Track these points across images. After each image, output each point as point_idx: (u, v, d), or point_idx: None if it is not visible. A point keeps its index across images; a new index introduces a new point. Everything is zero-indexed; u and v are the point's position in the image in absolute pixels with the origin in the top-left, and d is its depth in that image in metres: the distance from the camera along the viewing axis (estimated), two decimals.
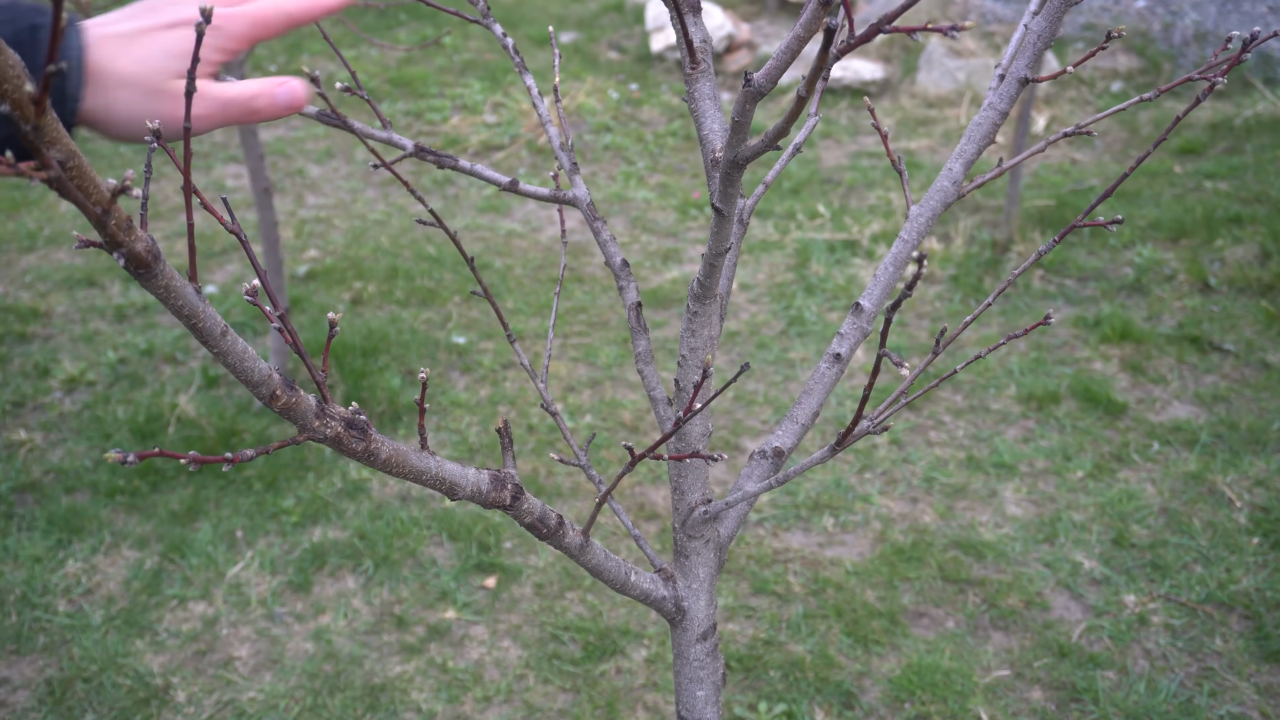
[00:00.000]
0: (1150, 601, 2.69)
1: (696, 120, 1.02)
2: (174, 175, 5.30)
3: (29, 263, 4.49)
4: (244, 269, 4.47)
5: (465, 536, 2.95)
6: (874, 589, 2.77)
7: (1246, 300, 3.94)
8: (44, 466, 3.23)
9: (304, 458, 3.26)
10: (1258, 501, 2.99)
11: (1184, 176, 4.97)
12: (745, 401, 3.58)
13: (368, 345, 3.75)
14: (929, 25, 0.56)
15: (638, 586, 1.09)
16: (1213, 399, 3.45)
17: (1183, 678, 2.47)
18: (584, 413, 3.52)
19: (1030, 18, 1.04)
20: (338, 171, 5.51)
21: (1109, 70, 6.19)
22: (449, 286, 4.32)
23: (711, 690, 1.17)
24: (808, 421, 1.12)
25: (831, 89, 6.35)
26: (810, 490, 3.13)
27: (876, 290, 1.10)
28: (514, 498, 0.98)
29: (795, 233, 4.72)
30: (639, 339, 1.15)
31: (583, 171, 5.52)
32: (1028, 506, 3.05)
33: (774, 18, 7.60)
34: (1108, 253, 4.36)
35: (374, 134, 1.06)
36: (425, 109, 6.22)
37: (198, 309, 0.69)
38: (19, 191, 5.11)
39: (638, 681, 2.52)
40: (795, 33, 0.67)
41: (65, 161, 0.51)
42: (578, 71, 6.73)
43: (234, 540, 2.95)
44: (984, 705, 2.42)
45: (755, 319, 4.10)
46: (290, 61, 6.94)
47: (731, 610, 2.73)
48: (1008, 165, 1.06)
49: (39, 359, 3.75)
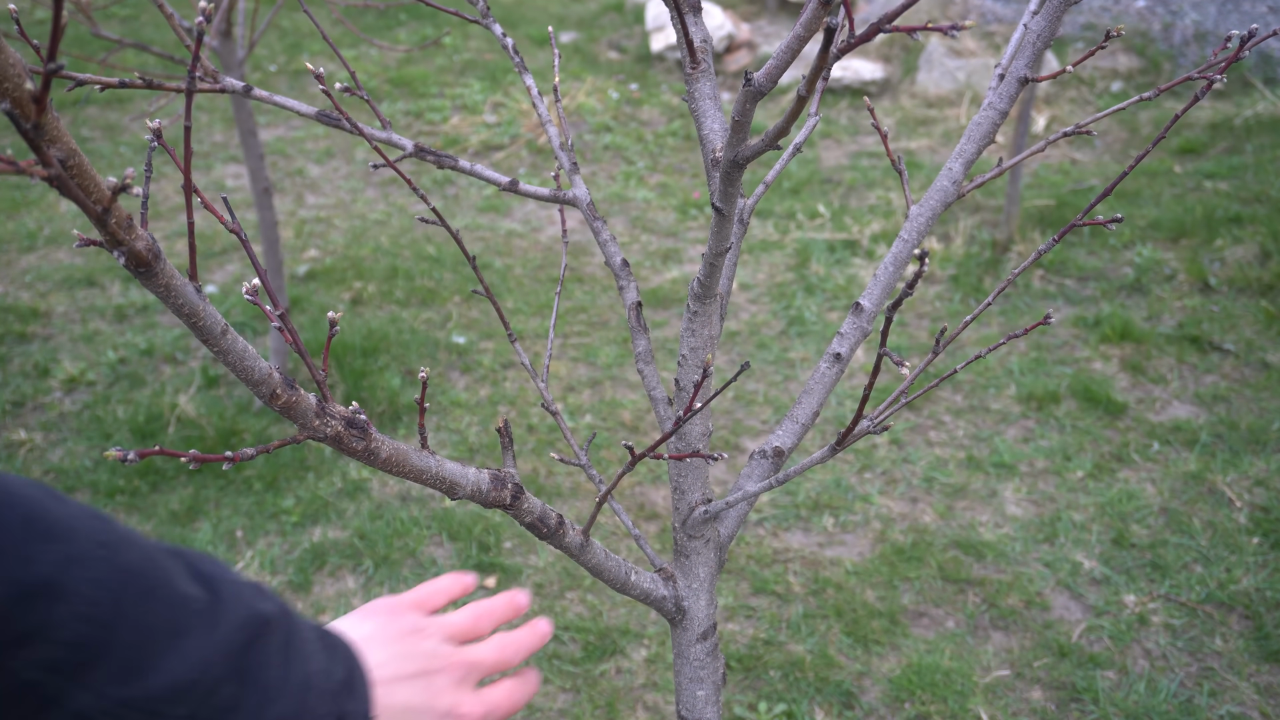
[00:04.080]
0: (1150, 601, 2.69)
1: (696, 120, 1.02)
2: (174, 175, 5.30)
3: (29, 263, 4.49)
4: (244, 269, 4.47)
5: (465, 536, 2.95)
6: (874, 589, 2.77)
7: (1246, 300, 3.94)
8: (44, 466, 3.23)
9: (304, 457, 3.26)
10: (1258, 501, 2.99)
11: (1184, 176, 4.97)
12: (745, 401, 3.58)
13: (368, 345, 3.75)
14: (929, 25, 0.56)
15: (638, 586, 1.09)
16: (1213, 399, 3.45)
17: (1183, 678, 2.47)
18: (584, 412, 3.52)
19: (1030, 17, 1.04)
20: (338, 171, 5.51)
21: (1109, 70, 6.19)
22: (449, 286, 4.32)
23: (712, 690, 1.17)
24: (808, 421, 1.12)
25: (831, 89, 6.35)
26: (810, 490, 3.13)
27: (876, 290, 1.10)
28: (514, 497, 0.97)
29: (795, 232, 4.72)
30: (639, 339, 1.15)
31: (583, 171, 5.52)
32: (1028, 506, 3.05)
33: (774, 18, 7.60)
34: (1108, 253, 4.36)
35: (374, 134, 1.06)
36: (425, 109, 6.22)
37: (198, 308, 0.69)
38: (19, 191, 5.11)
39: (638, 681, 2.52)
40: (795, 32, 0.67)
41: (66, 160, 0.51)
42: (578, 71, 6.73)
43: (234, 540, 2.95)
44: (984, 705, 2.42)
45: (755, 319, 4.10)
46: (290, 61, 6.95)
47: (731, 610, 2.73)
48: (1007, 165, 1.06)
49: (39, 359, 3.75)
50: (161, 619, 0.58)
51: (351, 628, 0.73)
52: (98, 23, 2.92)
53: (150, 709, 0.57)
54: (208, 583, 0.62)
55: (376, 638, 0.73)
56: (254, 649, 0.62)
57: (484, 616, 0.81)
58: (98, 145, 5.74)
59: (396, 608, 0.77)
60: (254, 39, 3.16)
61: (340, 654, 0.68)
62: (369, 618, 0.75)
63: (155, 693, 0.57)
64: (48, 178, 0.48)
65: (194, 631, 0.59)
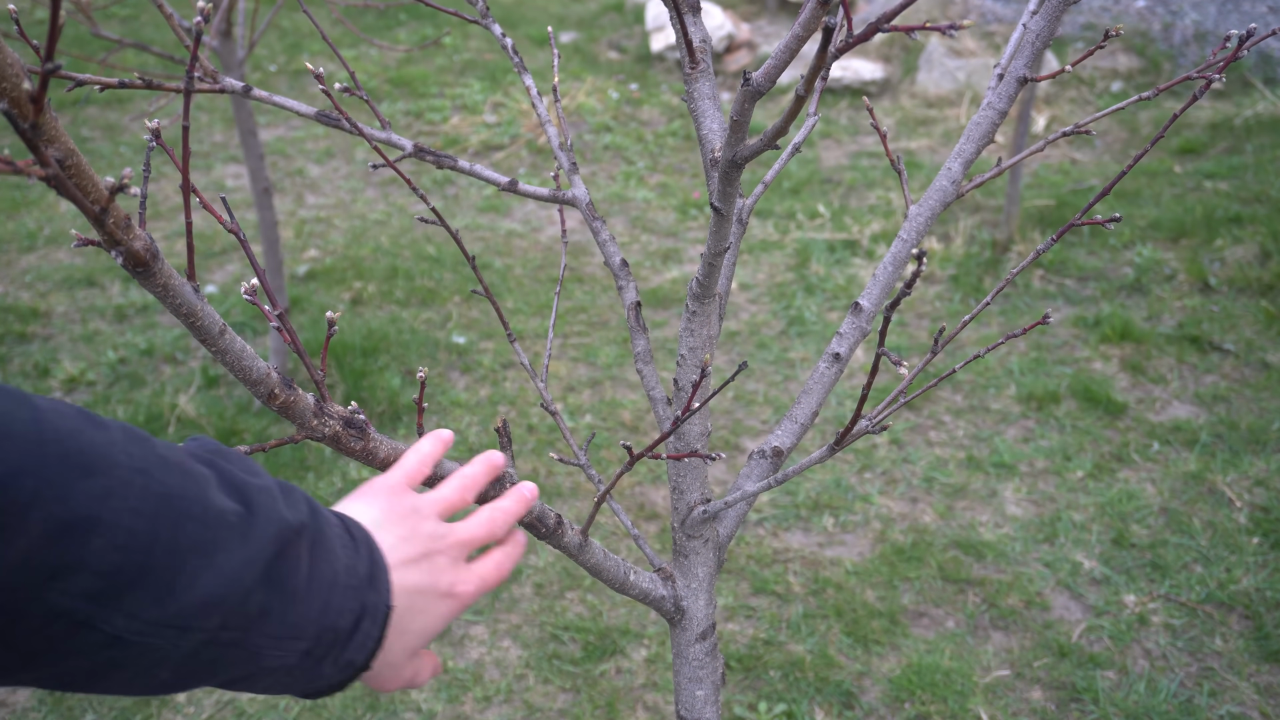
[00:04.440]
0: (1150, 601, 2.69)
1: (695, 120, 1.02)
2: (174, 175, 5.30)
3: (29, 263, 4.49)
4: (244, 269, 4.47)
5: None
6: (874, 589, 2.77)
7: (1246, 300, 3.94)
8: None
9: (304, 457, 3.26)
10: (1258, 501, 2.99)
11: (1184, 176, 4.97)
12: (745, 401, 3.58)
13: (367, 345, 3.75)
14: (927, 24, 0.56)
15: (637, 586, 1.09)
16: (1213, 399, 3.45)
17: (1183, 678, 2.47)
18: (584, 412, 3.52)
19: (1029, 17, 1.04)
20: (338, 171, 5.51)
21: (1109, 70, 6.19)
22: (449, 286, 4.32)
23: (711, 690, 1.17)
24: (807, 421, 1.12)
25: (831, 89, 6.35)
26: (810, 490, 3.13)
27: (875, 290, 1.10)
28: None
29: (795, 232, 4.72)
30: (638, 338, 1.15)
31: (583, 171, 5.52)
32: (1028, 506, 3.05)
33: (774, 18, 7.61)
34: (1108, 253, 4.36)
35: (373, 134, 1.06)
36: (425, 109, 6.22)
37: (196, 308, 0.69)
38: (19, 191, 5.11)
39: (638, 681, 2.52)
40: (794, 32, 0.67)
41: (64, 160, 0.51)
42: (578, 71, 6.73)
43: None
44: (984, 705, 2.42)
45: (755, 319, 4.10)
46: (290, 61, 6.95)
47: (731, 610, 2.73)
48: (1007, 164, 1.06)
49: (39, 359, 3.75)
50: (196, 539, 0.59)
51: (360, 513, 0.75)
52: (97, 22, 2.92)
53: (182, 624, 0.58)
54: (240, 492, 0.64)
55: (383, 522, 0.74)
56: (283, 557, 0.63)
57: (469, 487, 0.83)
58: (97, 145, 5.74)
59: (396, 488, 0.78)
60: (254, 39, 3.16)
61: (363, 548, 0.70)
62: (373, 501, 0.76)
63: (188, 608, 0.58)
64: (45, 178, 0.48)
65: (227, 546, 0.60)
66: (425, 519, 0.76)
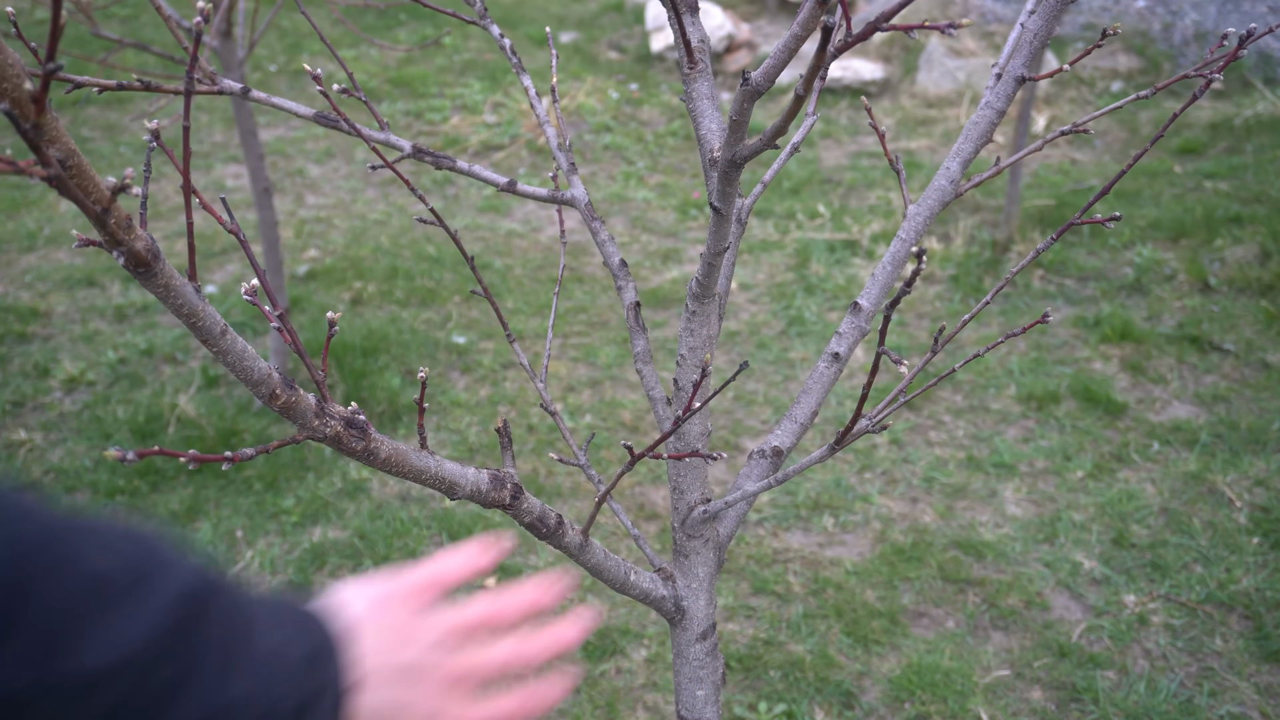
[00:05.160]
0: (1150, 601, 2.69)
1: (694, 120, 1.02)
2: (174, 175, 5.30)
3: (29, 263, 4.49)
4: (244, 269, 4.47)
5: (465, 536, 2.95)
6: (874, 589, 2.78)
7: (1246, 300, 3.94)
8: (44, 466, 3.24)
9: (304, 457, 3.26)
10: (1258, 501, 2.99)
11: (1184, 176, 4.97)
12: (745, 401, 3.58)
13: (368, 345, 3.76)
14: (926, 24, 0.56)
15: (637, 586, 1.09)
16: (1213, 399, 3.45)
17: (1183, 678, 2.47)
18: (584, 413, 3.52)
19: (1027, 16, 1.04)
20: (338, 171, 5.51)
21: (1109, 70, 6.19)
22: (449, 286, 4.32)
23: (711, 690, 1.17)
24: (807, 421, 1.12)
25: (831, 89, 6.35)
26: (810, 490, 3.13)
27: (875, 289, 1.10)
28: (513, 497, 0.98)
29: (795, 232, 4.72)
30: (637, 338, 1.15)
31: (583, 171, 5.53)
32: (1028, 506, 3.05)
33: (774, 18, 7.60)
34: (1107, 252, 4.36)
35: (372, 135, 1.06)
36: (425, 109, 6.22)
37: (197, 308, 0.69)
38: (19, 191, 5.11)
39: (638, 681, 2.52)
40: (793, 31, 0.68)
41: (65, 160, 0.51)
42: (577, 71, 6.73)
43: (234, 540, 2.95)
44: (984, 705, 2.42)
45: (755, 319, 4.10)
46: (290, 61, 6.95)
47: (731, 610, 2.73)
48: (1006, 164, 1.06)
49: (39, 359, 3.75)
50: (76, 595, 0.55)
51: (347, 605, 0.68)
52: (97, 23, 2.92)
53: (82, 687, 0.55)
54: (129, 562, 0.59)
55: (368, 623, 0.67)
56: (191, 627, 0.59)
57: (504, 610, 0.72)
58: (98, 145, 5.75)
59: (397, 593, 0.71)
60: (254, 39, 3.16)
61: (306, 629, 0.64)
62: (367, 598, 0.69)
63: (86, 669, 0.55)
64: (47, 178, 0.48)
65: (119, 609, 0.56)
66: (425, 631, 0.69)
